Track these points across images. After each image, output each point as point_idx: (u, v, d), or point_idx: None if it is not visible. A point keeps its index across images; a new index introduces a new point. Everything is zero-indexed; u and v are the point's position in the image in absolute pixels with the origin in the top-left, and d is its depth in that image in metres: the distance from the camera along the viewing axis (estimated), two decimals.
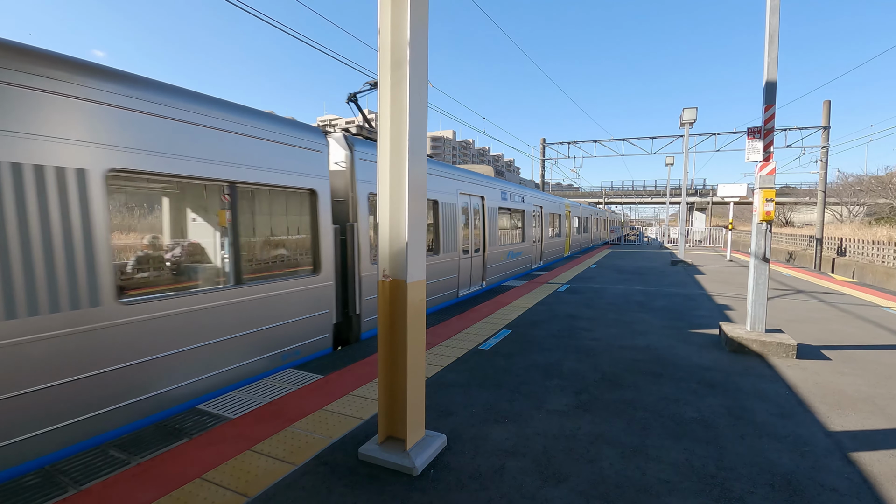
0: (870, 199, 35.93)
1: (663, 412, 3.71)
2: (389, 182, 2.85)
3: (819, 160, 24.80)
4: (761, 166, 5.41)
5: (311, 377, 4.45)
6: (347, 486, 2.65)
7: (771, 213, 5.29)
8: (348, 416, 3.59)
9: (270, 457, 2.97)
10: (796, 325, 6.82)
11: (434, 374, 4.53)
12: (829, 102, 24.30)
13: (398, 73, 2.77)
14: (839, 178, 40.68)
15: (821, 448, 3.15)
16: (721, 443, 3.21)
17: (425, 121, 2.88)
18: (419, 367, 2.95)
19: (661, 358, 5.14)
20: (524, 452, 3.06)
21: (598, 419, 3.57)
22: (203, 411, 3.69)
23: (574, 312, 7.60)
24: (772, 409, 3.78)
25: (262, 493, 2.58)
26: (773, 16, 5.35)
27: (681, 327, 6.62)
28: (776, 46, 5.33)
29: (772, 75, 5.32)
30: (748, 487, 2.68)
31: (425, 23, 2.83)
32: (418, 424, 2.99)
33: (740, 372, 4.69)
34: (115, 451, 3.07)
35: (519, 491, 2.62)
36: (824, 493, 2.64)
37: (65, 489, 2.65)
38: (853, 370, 4.78)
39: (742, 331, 5.59)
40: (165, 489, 2.61)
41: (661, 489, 2.65)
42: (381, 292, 2.93)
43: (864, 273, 20.76)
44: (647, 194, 64.67)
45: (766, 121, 5.36)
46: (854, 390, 4.22)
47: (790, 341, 5.22)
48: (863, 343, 5.86)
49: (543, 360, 5.04)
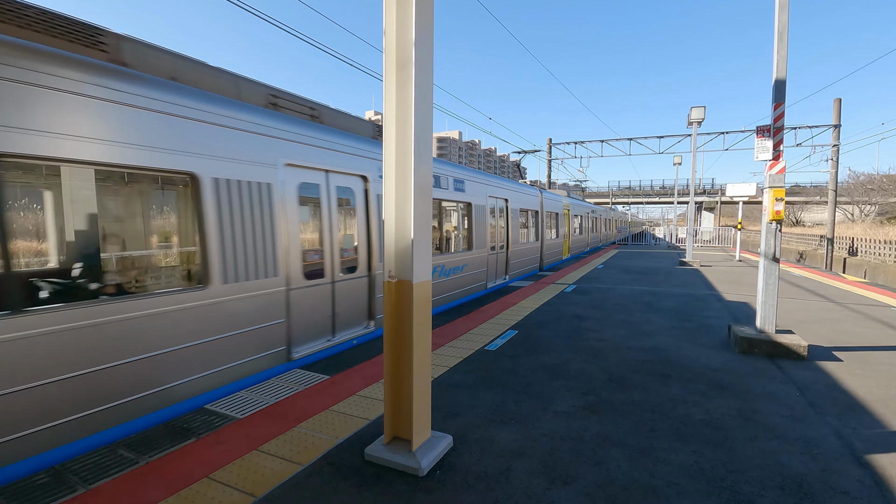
0: (882, 198, 35.47)
1: (671, 414, 3.68)
2: (395, 183, 2.84)
3: (830, 159, 24.52)
4: (771, 165, 5.35)
5: (318, 377, 4.46)
6: (353, 487, 2.65)
7: (781, 212, 5.23)
8: (354, 416, 3.59)
9: (277, 457, 2.97)
10: (807, 325, 6.74)
11: (440, 375, 4.52)
12: (839, 100, 24.01)
13: (404, 74, 2.77)
14: (850, 177, 40.23)
15: (832, 450, 3.10)
16: (730, 445, 3.18)
17: (430, 121, 2.88)
18: (425, 367, 2.95)
19: (670, 359, 5.10)
20: (531, 454, 3.04)
21: (606, 420, 3.55)
22: (210, 411, 3.72)
23: (581, 313, 7.56)
24: (782, 411, 3.73)
25: (269, 493, 2.58)
26: (782, 13, 5.29)
27: (689, 328, 6.56)
28: (785, 44, 5.26)
29: (781, 73, 5.26)
30: (758, 490, 2.65)
31: (430, 23, 2.83)
32: (424, 425, 2.99)
33: (750, 373, 4.64)
34: (124, 450, 3.10)
35: (525, 492, 2.61)
36: (836, 496, 2.60)
37: (74, 488, 2.68)
38: (865, 372, 4.71)
39: (752, 331, 5.53)
40: (173, 489, 2.62)
41: (669, 491, 2.63)
42: (386, 292, 2.93)
43: (877, 273, 20.47)
44: (654, 194, 64.26)
45: (776, 119, 5.30)
46: (866, 392, 4.16)
47: (801, 342, 5.15)
48: (875, 344, 5.78)
49: (550, 360, 5.01)
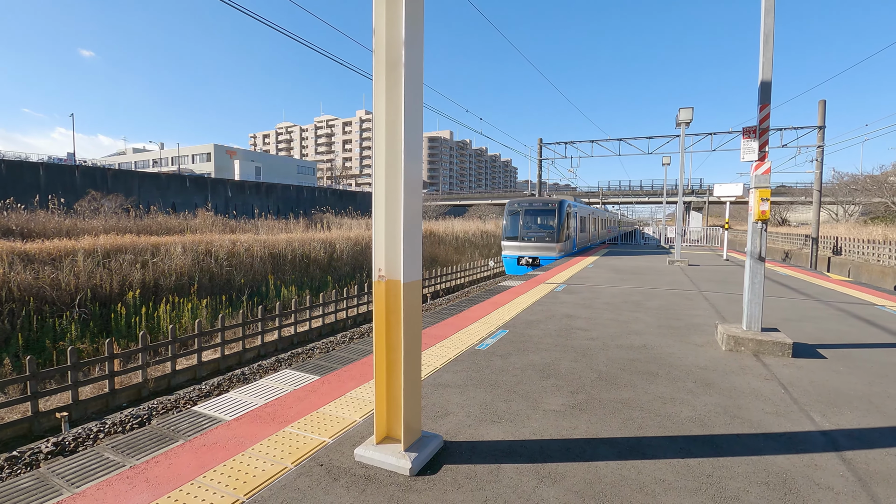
0: (865, 198, 36.13)
1: (659, 411, 3.72)
2: (385, 183, 2.84)
3: (814, 160, 24.89)
4: (756, 166, 5.42)
5: (308, 378, 4.44)
6: (343, 488, 2.64)
7: (766, 212, 5.31)
8: (344, 417, 3.58)
9: (266, 458, 2.96)
10: (792, 323, 6.85)
11: (430, 375, 4.53)
12: (824, 102, 24.39)
13: (394, 74, 2.76)
14: (835, 178, 40.92)
15: (816, 446, 3.16)
16: (717, 442, 3.22)
17: (421, 121, 2.87)
18: (415, 367, 2.95)
19: (658, 357, 5.15)
20: (521, 452, 3.06)
21: (595, 419, 3.58)
22: (199, 413, 3.68)
23: (571, 312, 7.60)
24: (767, 408, 3.79)
25: (258, 495, 2.57)
26: (767, 16, 5.37)
27: (677, 326, 6.64)
28: (771, 47, 5.34)
29: (766, 75, 5.34)
30: (744, 486, 2.69)
31: (420, 22, 2.82)
32: (414, 425, 2.99)
33: (736, 371, 4.71)
34: (110, 453, 3.06)
35: (515, 491, 2.62)
36: (820, 491, 2.64)
37: (59, 492, 2.64)
38: (849, 368, 4.80)
39: (738, 330, 5.61)
40: (160, 492, 2.60)
41: (656, 488, 2.66)
42: (376, 292, 2.92)
43: (860, 272, 20.85)
44: (643, 194, 64.83)
45: (761, 120, 5.37)
46: (850, 389, 4.24)
47: (786, 340, 5.24)
48: (858, 341, 5.89)
49: (540, 359, 5.04)
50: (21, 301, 11.85)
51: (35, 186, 31.40)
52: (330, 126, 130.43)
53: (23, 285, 12.13)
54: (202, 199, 41.35)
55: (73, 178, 34.59)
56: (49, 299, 12.42)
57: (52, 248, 14.19)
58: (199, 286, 15.82)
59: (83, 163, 51.21)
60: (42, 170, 33.47)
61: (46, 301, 12.37)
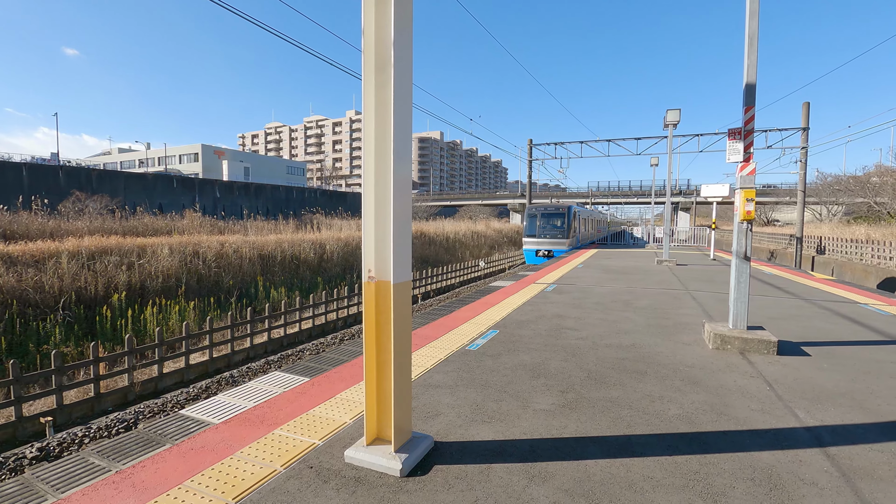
0: (848, 199, 36.78)
1: (648, 409, 3.75)
2: (374, 184, 2.84)
3: (799, 161, 25.33)
4: (742, 167, 5.50)
5: (298, 380, 4.41)
6: (334, 490, 2.63)
7: (751, 212, 5.39)
8: (335, 418, 3.57)
9: (255, 461, 2.93)
10: (777, 322, 6.96)
11: (421, 375, 4.53)
12: (808, 104, 24.83)
13: (383, 75, 2.76)
14: (818, 178, 41.60)
15: (801, 443, 3.22)
16: (704, 439, 3.26)
17: (410, 122, 2.87)
18: (406, 368, 2.94)
19: (646, 356, 5.21)
20: (511, 452, 3.07)
21: (584, 417, 3.60)
22: (186, 416, 3.64)
23: (561, 312, 7.65)
24: (753, 405, 3.84)
25: (247, 499, 2.55)
26: (752, 20, 5.45)
27: (665, 325, 6.71)
28: (755, 49, 5.43)
29: (751, 77, 5.42)
30: (730, 482, 2.72)
31: (409, 24, 2.83)
32: (405, 426, 2.99)
33: (723, 368, 4.77)
34: (96, 458, 3.01)
35: (505, 490, 2.63)
36: (804, 486, 2.69)
37: (44, 497, 2.59)
38: (832, 366, 4.89)
39: (724, 328, 5.68)
40: (147, 496, 2.56)
41: (645, 485, 2.69)
42: (366, 293, 2.92)
43: (843, 271, 21.24)
44: (632, 194, 65.46)
45: (746, 122, 5.46)
46: (833, 385, 4.32)
47: (771, 338, 5.32)
48: (842, 339, 6.00)
49: (530, 359, 5.06)
50: (3, 304, 11.61)
51: (18, 187, 30.85)
52: (320, 126, 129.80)
53: (5, 288, 11.89)
54: (190, 200, 40.89)
55: (57, 178, 34.03)
56: (32, 302, 12.20)
57: (36, 249, 13.94)
58: (187, 288, 15.65)
59: (67, 163, 50.39)
60: (25, 170, 32.90)
61: (30, 304, 12.14)
